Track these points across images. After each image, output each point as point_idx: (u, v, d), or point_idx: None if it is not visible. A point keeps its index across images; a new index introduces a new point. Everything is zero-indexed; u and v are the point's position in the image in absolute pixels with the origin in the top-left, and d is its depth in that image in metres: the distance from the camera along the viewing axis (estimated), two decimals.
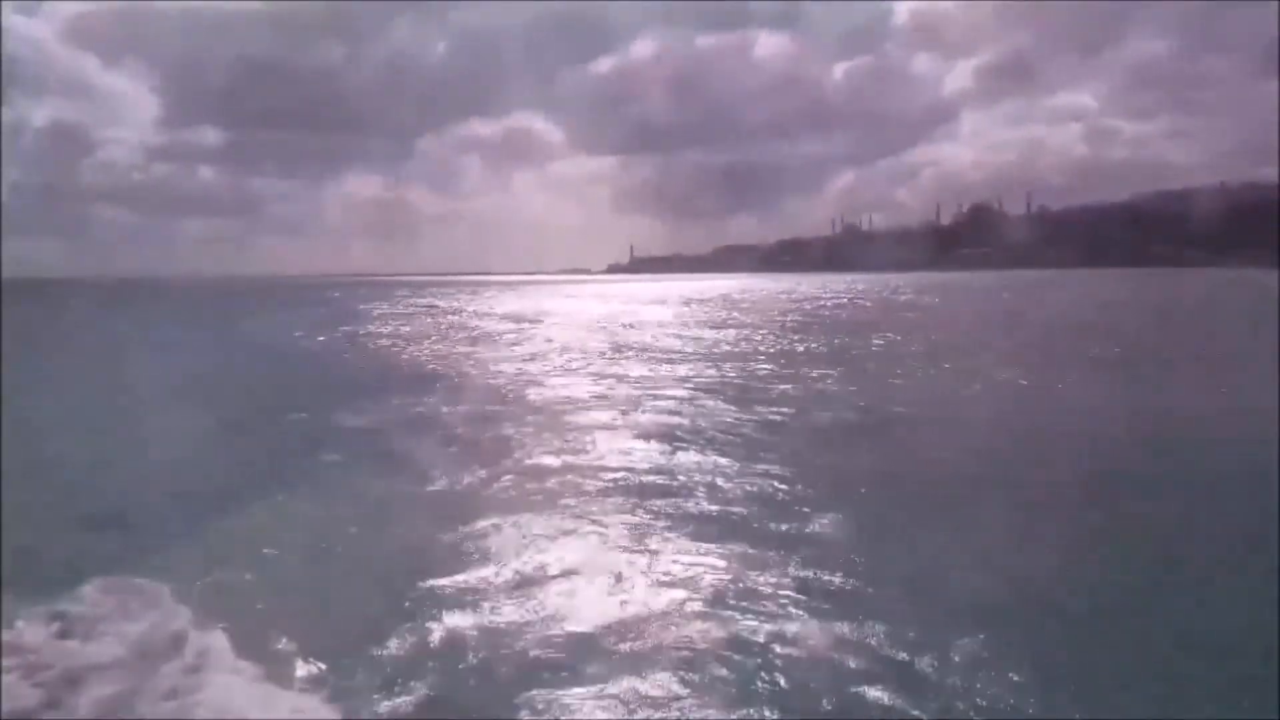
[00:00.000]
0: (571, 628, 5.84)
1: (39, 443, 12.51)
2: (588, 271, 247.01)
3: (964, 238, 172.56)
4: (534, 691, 5.04)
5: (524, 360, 24.71)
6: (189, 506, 8.83)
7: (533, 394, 17.57)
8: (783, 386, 17.81)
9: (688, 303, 60.78)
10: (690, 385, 18.23)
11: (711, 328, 37.18)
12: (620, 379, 19.63)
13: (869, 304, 55.57)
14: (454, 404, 16.26)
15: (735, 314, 46.95)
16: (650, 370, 21.24)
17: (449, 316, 49.91)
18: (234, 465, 11.13)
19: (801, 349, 26.55)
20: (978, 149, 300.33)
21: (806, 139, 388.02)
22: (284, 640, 5.64)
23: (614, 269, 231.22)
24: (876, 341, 28.38)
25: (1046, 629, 5.83)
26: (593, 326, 39.14)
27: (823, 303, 57.14)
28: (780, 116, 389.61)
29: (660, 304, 59.97)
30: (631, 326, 38.62)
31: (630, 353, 25.88)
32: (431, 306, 61.77)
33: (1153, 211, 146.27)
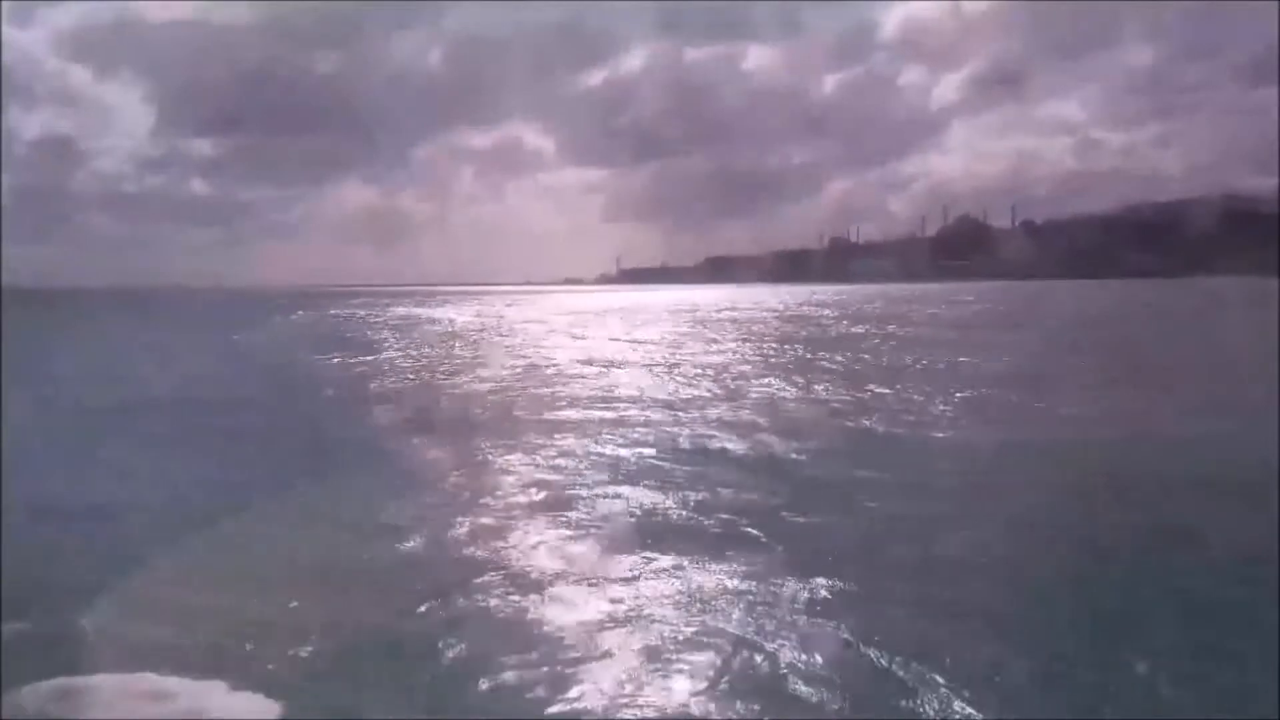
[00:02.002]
0: None
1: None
2: (581, 282, 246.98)
3: (949, 249, 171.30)
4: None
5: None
6: None
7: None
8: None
9: (603, 313, 60.24)
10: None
11: (575, 337, 36.92)
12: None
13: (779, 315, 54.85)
14: None
15: (615, 321, 46.51)
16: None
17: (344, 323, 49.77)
18: None
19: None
20: (969, 159, 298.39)
21: (797, 150, 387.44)
22: None
23: (603, 279, 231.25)
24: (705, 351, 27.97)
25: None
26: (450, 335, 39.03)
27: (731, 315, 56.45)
28: (771, 128, 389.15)
29: (570, 314, 59.51)
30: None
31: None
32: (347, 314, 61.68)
33: (1135, 222, 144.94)
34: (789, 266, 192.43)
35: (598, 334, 39.28)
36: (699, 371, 21.69)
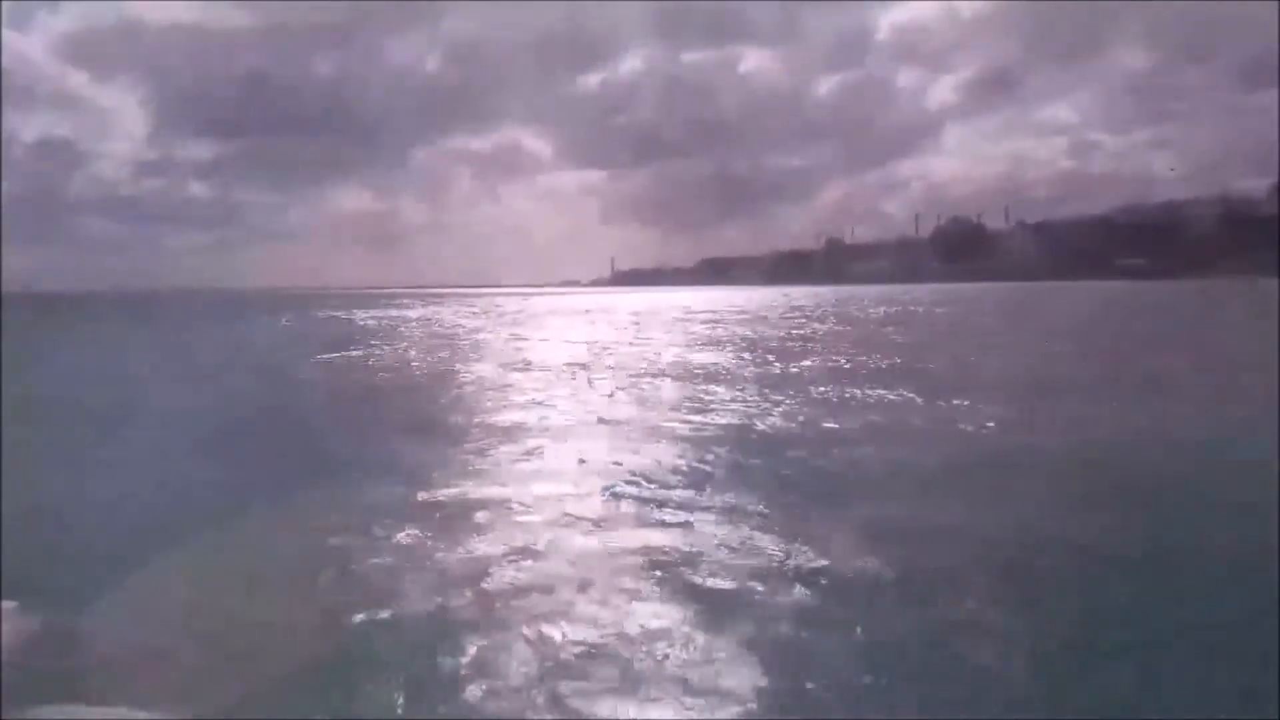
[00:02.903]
0: None
1: None
2: (577, 283, 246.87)
3: (944, 251, 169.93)
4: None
5: None
6: None
7: None
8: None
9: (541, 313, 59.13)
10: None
11: (516, 338, 35.82)
12: None
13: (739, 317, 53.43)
14: None
15: (573, 321, 45.31)
16: None
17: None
18: None
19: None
20: (965, 161, 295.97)
21: (794, 152, 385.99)
22: None
23: (599, 281, 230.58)
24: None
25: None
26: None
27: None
28: (768, 130, 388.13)
29: (536, 315, 58.61)
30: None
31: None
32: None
33: (1133, 223, 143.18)
34: (786, 268, 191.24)
35: (539, 334, 38.01)
36: (599, 372, 20.47)
